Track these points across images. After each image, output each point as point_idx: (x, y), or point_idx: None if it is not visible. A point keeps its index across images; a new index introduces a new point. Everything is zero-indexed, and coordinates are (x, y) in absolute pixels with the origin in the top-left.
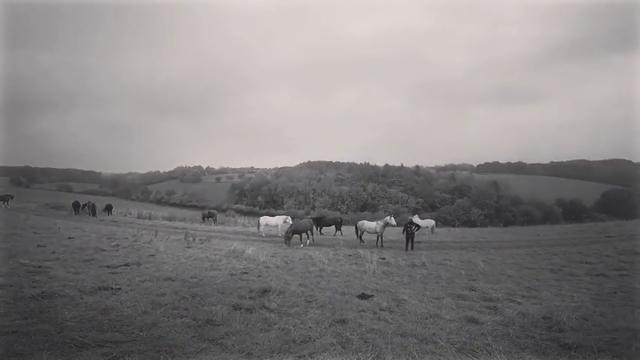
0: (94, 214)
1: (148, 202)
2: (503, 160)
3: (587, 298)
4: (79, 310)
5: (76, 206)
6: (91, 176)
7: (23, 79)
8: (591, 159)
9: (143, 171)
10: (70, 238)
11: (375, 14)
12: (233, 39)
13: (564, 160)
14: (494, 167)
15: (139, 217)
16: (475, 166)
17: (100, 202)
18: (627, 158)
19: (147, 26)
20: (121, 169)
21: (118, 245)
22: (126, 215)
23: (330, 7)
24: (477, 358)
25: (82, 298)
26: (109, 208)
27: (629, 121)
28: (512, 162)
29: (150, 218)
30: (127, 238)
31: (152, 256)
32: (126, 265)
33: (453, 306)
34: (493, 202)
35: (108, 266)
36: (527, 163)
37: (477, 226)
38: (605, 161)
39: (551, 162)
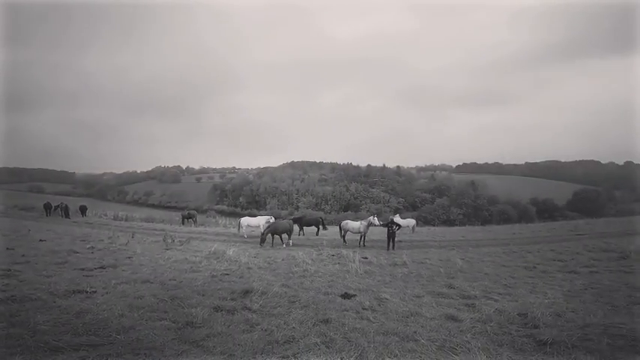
0: (67, 215)
1: (124, 203)
2: (480, 161)
3: (560, 295)
4: (52, 313)
5: (47, 208)
6: (63, 176)
7: None
8: (563, 160)
9: (119, 171)
10: (41, 240)
11: (362, 17)
12: (218, 38)
13: (538, 161)
14: (472, 168)
15: (115, 218)
16: (454, 166)
17: (74, 204)
18: (596, 159)
19: (126, 23)
20: (96, 169)
21: (92, 247)
22: (101, 217)
23: (317, 8)
24: (456, 355)
25: (54, 302)
26: (83, 210)
27: (598, 123)
28: (490, 162)
29: (127, 220)
30: (102, 240)
31: (129, 258)
32: (101, 267)
33: (433, 304)
34: (471, 201)
35: (82, 269)
36: (504, 163)
37: (456, 225)
38: (576, 162)
39: (526, 162)
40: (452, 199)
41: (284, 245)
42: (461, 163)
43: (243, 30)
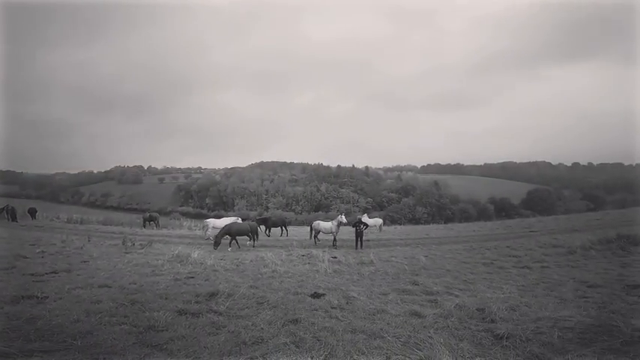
0: (13, 219)
1: (80, 205)
2: (443, 162)
3: (515, 290)
4: (0, 320)
5: None
6: (9, 176)
7: None
8: (518, 161)
9: (74, 171)
10: None
11: (338, 20)
12: (184, 36)
13: (496, 162)
14: (436, 168)
15: (69, 221)
16: (419, 167)
17: (22, 206)
18: (547, 160)
19: (89, 17)
20: (47, 168)
21: (43, 252)
22: (53, 220)
23: (292, 8)
24: (420, 350)
25: (2, 308)
26: (32, 212)
27: (549, 126)
28: (452, 163)
29: (82, 223)
30: (54, 244)
31: (85, 262)
32: (54, 272)
33: (398, 301)
34: (435, 200)
35: (32, 274)
36: (465, 164)
37: (422, 223)
38: (529, 163)
39: (485, 163)
40: (417, 199)
41: (229, 249)
42: (425, 164)
43: (213, 28)
